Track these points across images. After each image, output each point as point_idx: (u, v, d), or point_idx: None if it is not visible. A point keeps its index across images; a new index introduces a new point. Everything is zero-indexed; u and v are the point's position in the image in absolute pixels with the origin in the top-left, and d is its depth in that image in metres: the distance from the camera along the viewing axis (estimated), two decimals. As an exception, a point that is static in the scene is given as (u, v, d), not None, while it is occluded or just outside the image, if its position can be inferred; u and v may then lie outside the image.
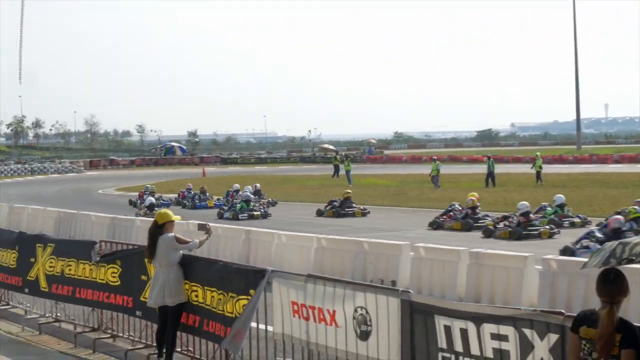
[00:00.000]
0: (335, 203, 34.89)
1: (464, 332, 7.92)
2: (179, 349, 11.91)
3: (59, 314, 15.03)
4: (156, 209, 30.67)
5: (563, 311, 7.37)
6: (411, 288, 14.07)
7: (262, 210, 35.96)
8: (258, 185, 44.61)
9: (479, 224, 27.42)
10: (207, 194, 44.35)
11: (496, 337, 7.64)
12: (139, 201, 41.19)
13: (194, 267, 11.65)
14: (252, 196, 37.52)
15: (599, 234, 20.44)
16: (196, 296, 11.51)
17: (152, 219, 12.19)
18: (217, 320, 11.06)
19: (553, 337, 7.13)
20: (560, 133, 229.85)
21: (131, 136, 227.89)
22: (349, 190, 37.48)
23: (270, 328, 10.77)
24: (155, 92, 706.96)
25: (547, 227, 25.65)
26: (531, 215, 26.09)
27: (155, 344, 12.04)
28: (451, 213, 28.79)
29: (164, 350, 11.68)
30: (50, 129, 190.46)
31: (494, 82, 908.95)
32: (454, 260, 15.34)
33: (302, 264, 17.84)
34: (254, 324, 10.75)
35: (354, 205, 35.51)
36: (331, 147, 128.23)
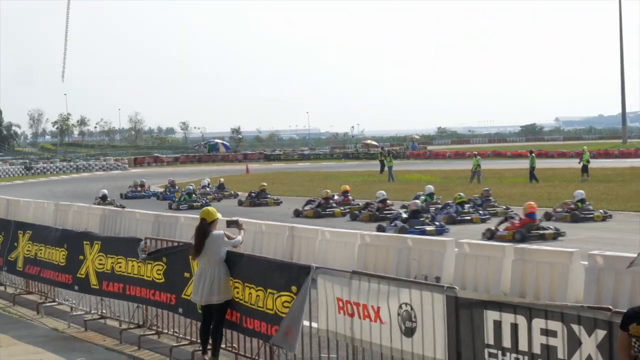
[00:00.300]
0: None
1: (514, 327, 7.85)
2: (223, 345, 11.94)
3: (104, 311, 15.13)
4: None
5: (610, 307, 7.28)
6: (455, 284, 14.00)
7: (204, 201, 40.85)
8: (222, 179, 51.37)
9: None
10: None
11: (545, 332, 7.56)
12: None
13: (237, 264, 11.65)
14: (192, 188, 42.78)
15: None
16: (237, 293, 11.53)
17: (194, 216, 12.20)
18: (256, 317, 11.06)
19: (601, 334, 7.05)
20: (605, 127, 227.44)
21: (175, 133, 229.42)
22: (264, 183, 43.44)
23: (314, 324, 10.75)
24: (199, 89, 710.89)
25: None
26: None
27: (199, 341, 12.08)
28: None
29: (209, 347, 11.72)
30: (95, 127, 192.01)
31: (538, 77, 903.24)
32: (499, 257, 15.21)
33: (345, 260, 17.80)
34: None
35: (268, 196, 41.22)
36: (374, 143, 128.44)
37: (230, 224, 12.57)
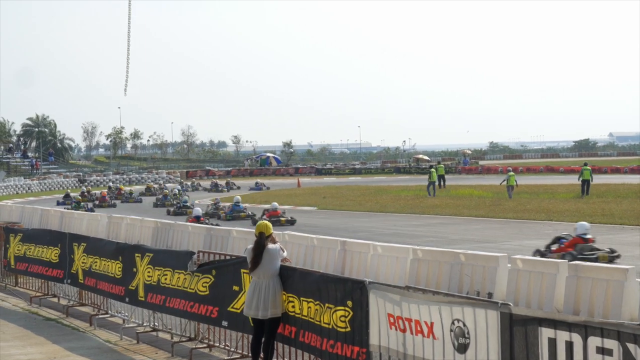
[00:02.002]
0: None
1: (569, 345, 7.75)
2: (275, 360, 11.95)
3: (156, 323, 15.22)
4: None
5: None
6: (508, 300, 13.87)
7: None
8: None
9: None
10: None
11: (600, 350, 7.47)
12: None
13: (291, 278, 11.66)
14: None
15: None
16: (293, 307, 11.53)
17: (246, 229, 12.24)
18: (313, 331, 11.06)
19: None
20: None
21: (227, 147, 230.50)
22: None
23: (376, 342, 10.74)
24: (251, 103, 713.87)
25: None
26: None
27: (250, 355, 12.09)
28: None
29: (260, 361, 11.73)
30: (148, 140, 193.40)
31: (591, 91, 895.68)
32: (553, 273, 15.04)
33: (397, 275, 17.72)
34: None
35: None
36: (426, 157, 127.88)
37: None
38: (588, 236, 22.97)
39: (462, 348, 9.03)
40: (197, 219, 33.20)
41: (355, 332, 10.48)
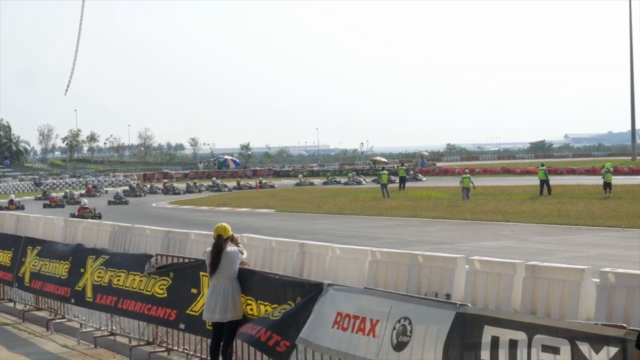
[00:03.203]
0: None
1: (513, 344, 7.77)
2: (233, 363, 11.91)
3: (114, 327, 15.11)
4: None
5: (624, 324, 7.23)
6: (465, 301, 13.93)
7: None
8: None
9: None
10: None
11: (547, 349, 7.50)
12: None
13: (250, 281, 11.63)
14: None
15: None
16: (251, 310, 11.50)
17: (205, 232, 12.18)
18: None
19: (612, 351, 6.99)
20: (614, 144, 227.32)
21: (184, 149, 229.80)
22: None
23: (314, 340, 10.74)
24: (209, 105, 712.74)
25: None
26: None
27: (209, 358, 12.04)
28: None
29: (220, 364, 11.69)
30: (105, 143, 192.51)
31: (547, 94, 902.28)
32: (510, 274, 15.14)
33: (356, 276, 17.76)
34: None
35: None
36: (383, 159, 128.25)
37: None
38: None
39: (399, 346, 9.02)
40: (83, 209, 50.35)
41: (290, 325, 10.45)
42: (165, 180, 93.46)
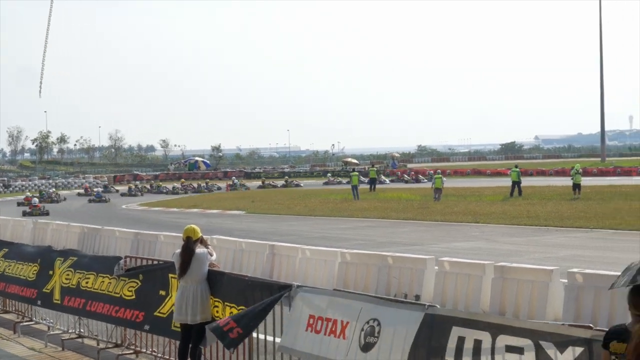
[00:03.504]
0: None
1: (477, 345, 7.77)
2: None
3: (82, 330, 15.00)
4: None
5: (591, 325, 7.25)
6: (435, 302, 13.98)
7: None
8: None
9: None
10: None
11: (511, 349, 7.50)
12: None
13: (219, 283, 11.57)
14: None
15: None
16: (217, 312, 11.45)
17: (174, 234, 12.12)
18: None
19: (577, 351, 7.00)
20: (584, 145, 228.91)
21: (155, 151, 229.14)
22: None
23: (292, 345, 10.71)
24: (179, 107, 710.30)
25: None
26: None
27: (178, 360, 11.99)
28: None
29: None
30: (75, 144, 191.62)
31: (518, 95, 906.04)
32: (479, 275, 15.22)
33: (325, 278, 17.77)
34: (270, 338, 10.68)
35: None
36: (354, 160, 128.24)
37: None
38: None
39: (366, 347, 9.01)
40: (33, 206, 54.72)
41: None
42: (131, 184, 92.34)
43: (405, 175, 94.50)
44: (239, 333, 10.15)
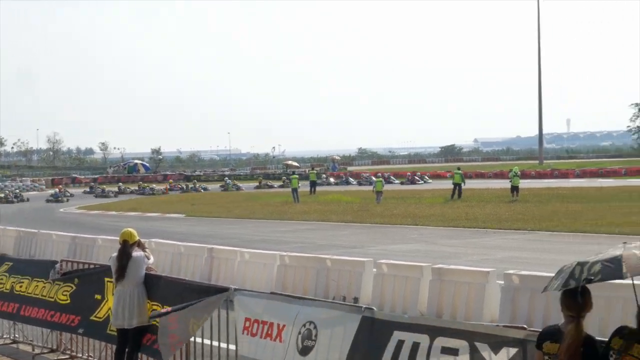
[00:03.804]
0: None
1: (415, 347, 7.81)
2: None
3: (17, 335, 14.81)
4: None
5: (525, 326, 7.32)
6: (373, 304, 14.01)
7: None
8: None
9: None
10: None
11: (447, 351, 7.55)
12: None
13: (155, 286, 11.48)
14: None
15: None
16: (156, 315, 11.37)
17: (111, 238, 12.02)
18: None
19: (512, 352, 7.06)
20: (522, 148, 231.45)
21: (94, 154, 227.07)
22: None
23: (225, 345, 10.71)
24: (119, 109, 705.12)
25: None
26: None
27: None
28: None
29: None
30: (12, 147, 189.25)
31: (457, 98, 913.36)
32: (417, 277, 15.30)
33: (264, 281, 17.75)
34: (208, 342, 10.66)
35: None
36: (295, 163, 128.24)
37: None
38: None
39: (304, 350, 9.02)
40: None
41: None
42: (60, 187, 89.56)
43: (350, 178, 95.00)
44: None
